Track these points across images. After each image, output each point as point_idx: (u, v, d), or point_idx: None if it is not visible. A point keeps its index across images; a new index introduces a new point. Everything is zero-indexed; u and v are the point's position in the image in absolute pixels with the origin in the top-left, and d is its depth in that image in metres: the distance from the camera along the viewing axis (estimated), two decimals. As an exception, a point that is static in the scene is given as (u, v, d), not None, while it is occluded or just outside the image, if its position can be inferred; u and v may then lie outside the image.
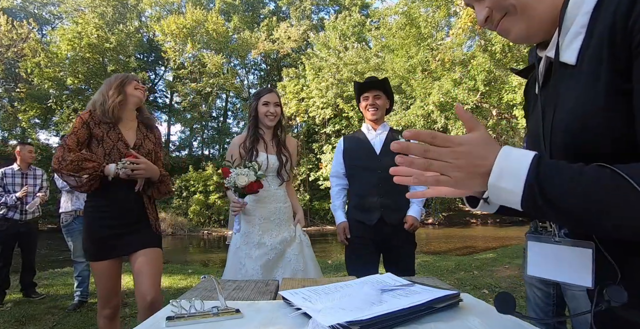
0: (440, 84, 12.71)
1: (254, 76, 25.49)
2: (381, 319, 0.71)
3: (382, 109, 2.43)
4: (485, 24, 0.68)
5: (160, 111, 23.98)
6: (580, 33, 0.57)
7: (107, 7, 20.42)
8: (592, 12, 0.56)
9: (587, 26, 0.57)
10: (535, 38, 0.66)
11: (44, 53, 18.09)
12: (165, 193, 2.07)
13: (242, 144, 2.22)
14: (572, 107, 0.58)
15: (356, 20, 19.81)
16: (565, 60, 0.60)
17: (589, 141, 0.55)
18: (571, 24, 0.59)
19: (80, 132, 1.86)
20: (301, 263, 2.16)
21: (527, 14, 0.62)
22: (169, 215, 16.60)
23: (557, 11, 0.60)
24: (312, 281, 1.27)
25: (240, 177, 1.96)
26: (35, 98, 18.48)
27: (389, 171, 2.15)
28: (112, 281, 1.93)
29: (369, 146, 2.41)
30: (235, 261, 2.12)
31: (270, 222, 2.17)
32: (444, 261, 6.25)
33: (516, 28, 0.64)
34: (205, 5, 22.52)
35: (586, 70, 0.56)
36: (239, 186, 1.96)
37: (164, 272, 5.80)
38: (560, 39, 0.60)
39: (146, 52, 23.09)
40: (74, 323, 3.24)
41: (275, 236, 2.15)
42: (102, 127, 1.90)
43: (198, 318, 0.80)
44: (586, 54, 0.56)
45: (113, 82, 1.97)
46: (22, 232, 3.91)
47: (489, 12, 0.66)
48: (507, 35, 0.67)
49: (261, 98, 2.21)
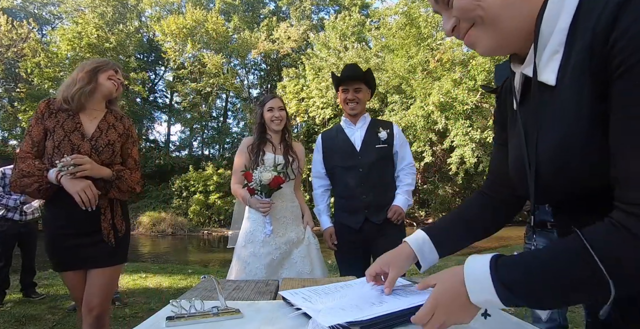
0: (440, 84, 12.70)
1: (254, 76, 25.48)
2: (381, 320, 0.71)
3: (362, 103, 2.30)
4: (452, 34, 0.64)
5: (160, 111, 23.98)
6: (558, 51, 0.55)
7: (107, 7, 20.40)
8: (569, 28, 0.53)
9: (564, 44, 0.54)
10: (504, 51, 0.63)
11: (44, 53, 18.08)
12: (127, 191, 1.79)
13: (250, 147, 2.25)
14: (553, 133, 0.56)
15: (356, 20, 19.79)
16: (544, 80, 0.57)
17: (575, 166, 0.54)
18: (547, 41, 0.56)
19: (34, 131, 1.67)
20: (308, 265, 2.15)
21: (495, 26, 0.58)
22: (169, 215, 16.59)
23: (528, 25, 0.57)
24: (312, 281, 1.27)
25: (263, 174, 2.01)
26: (35, 98, 18.44)
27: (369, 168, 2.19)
28: (77, 292, 1.76)
29: (348, 143, 2.29)
30: (240, 260, 2.12)
31: (277, 220, 2.17)
32: (444, 261, 6.24)
33: (484, 40, 0.60)
34: (205, 5, 22.51)
35: (568, 93, 0.54)
36: (264, 182, 2.00)
37: (164, 272, 5.80)
38: (536, 57, 0.57)
39: (146, 52, 23.07)
40: (74, 323, 3.24)
41: (281, 235, 2.15)
42: (59, 116, 1.69)
43: (198, 318, 0.80)
44: (566, 75, 0.54)
45: (86, 67, 1.76)
46: (22, 232, 3.91)
47: (456, 21, 0.62)
48: (474, 47, 0.63)
49: (265, 105, 2.27)
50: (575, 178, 0.54)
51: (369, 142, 2.28)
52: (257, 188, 2.04)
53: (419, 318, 0.63)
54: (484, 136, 12.61)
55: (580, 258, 0.48)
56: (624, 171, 0.47)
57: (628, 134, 0.47)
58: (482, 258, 0.58)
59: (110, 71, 1.80)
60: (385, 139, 2.28)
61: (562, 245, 0.52)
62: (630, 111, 0.46)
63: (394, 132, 2.33)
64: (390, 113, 14.63)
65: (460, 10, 0.59)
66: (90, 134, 1.72)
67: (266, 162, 2.18)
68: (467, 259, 0.61)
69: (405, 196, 2.28)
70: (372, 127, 2.32)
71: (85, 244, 1.71)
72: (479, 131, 12.72)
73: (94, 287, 1.73)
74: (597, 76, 0.50)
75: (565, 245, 0.52)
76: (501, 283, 0.54)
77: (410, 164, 2.34)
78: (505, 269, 0.55)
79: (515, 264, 0.55)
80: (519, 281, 0.53)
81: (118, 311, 3.51)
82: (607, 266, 0.46)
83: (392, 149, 2.30)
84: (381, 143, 2.28)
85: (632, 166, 0.46)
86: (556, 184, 0.57)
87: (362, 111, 2.34)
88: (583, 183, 0.54)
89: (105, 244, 1.74)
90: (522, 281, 0.53)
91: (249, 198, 2.12)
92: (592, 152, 0.52)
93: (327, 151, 2.37)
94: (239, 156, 2.29)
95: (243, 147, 2.28)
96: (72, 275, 1.74)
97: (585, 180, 0.53)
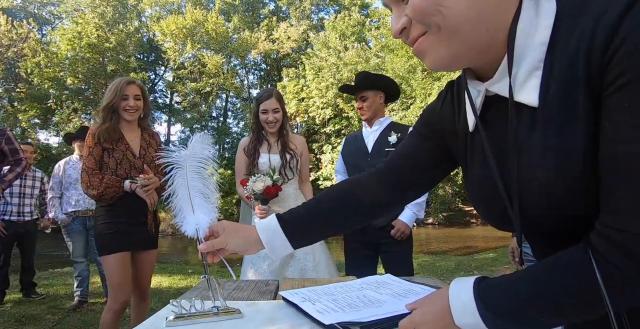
0: (440, 84, 12.72)
1: (254, 76, 25.50)
2: (381, 322, 0.71)
3: (370, 109, 2.35)
4: (400, 36, 0.55)
5: (160, 111, 23.98)
6: (538, 68, 0.49)
7: (107, 7, 20.40)
8: (549, 41, 0.48)
9: (544, 59, 0.48)
10: (457, 65, 0.55)
11: (44, 53, 18.08)
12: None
13: (246, 148, 2.26)
14: (546, 157, 0.50)
15: (356, 20, 19.81)
16: (524, 101, 0.50)
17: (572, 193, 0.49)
18: (522, 56, 0.49)
19: (95, 151, 2.07)
20: (311, 261, 2.15)
21: (454, 38, 0.49)
22: (169, 215, 16.60)
23: (491, 38, 0.50)
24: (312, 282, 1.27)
25: (256, 184, 2.05)
26: (35, 98, 18.48)
27: None
28: (125, 273, 2.10)
29: (363, 145, 2.39)
30: (247, 261, 2.18)
31: None
32: (444, 261, 6.25)
33: (436, 51, 0.52)
34: (205, 5, 22.52)
35: (555, 114, 0.48)
36: (257, 192, 2.05)
37: (164, 272, 5.81)
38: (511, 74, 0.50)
39: (146, 52, 23.08)
40: (74, 323, 3.24)
41: None
42: (108, 140, 2.09)
43: (198, 318, 0.80)
44: (550, 94, 0.48)
45: (104, 100, 2.11)
46: (20, 232, 3.91)
47: (407, 23, 0.53)
48: (423, 57, 0.54)
49: (260, 105, 2.23)
50: (569, 207, 0.50)
51: (380, 145, 2.32)
52: (252, 196, 2.09)
53: None
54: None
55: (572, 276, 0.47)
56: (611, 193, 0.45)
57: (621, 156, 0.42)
58: (467, 281, 0.56)
59: (123, 102, 2.09)
60: (394, 142, 2.27)
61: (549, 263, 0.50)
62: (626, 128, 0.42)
63: None
64: (390, 113, 14.65)
65: (416, 12, 0.50)
66: (138, 153, 2.17)
67: (260, 166, 2.19)
68: (452, 281, 0.59)
69: (414, 209, 2.22)
70: (386, 130, 2.34)
71: (137, 232, 2.15)
72: (479, 131, 12.75)
73: (142, 266, 2.23)
74: (590, 93, 0.44)
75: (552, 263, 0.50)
76: (484, 305, 0.52)
77: None
78: (488, 291, 0.53)
79: (498, 286, 0.53)
80: (503, 304, 0.51)
81: (118, 311, 3.51)
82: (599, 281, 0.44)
83: None
84: (390, 146, 2.28)
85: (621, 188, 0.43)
86: (545, 215, 0.52)
87: (374, 116, 2.38)
88: (576, 212, 0.49)
89: (148, 232, 2.20)
90: (506, 304, 0.51)
91: (250, 202, 2.18)
92: (589, 176, 0.46)
93: (346, 151, 2.50)
94: (238, 158, 2.32)
95: (239, 150, 2.31)
96: (120, 257, 2.08)
97: (579, 208, 0.49)
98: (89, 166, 2.05)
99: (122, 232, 2.10)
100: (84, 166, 2.07)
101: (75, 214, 3.67)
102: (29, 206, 3.98)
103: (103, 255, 2.08)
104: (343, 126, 17.79)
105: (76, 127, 14.67)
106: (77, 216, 3.67)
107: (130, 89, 2.09)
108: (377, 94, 2.36)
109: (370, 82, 2.36)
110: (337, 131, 18.01)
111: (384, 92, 2.39)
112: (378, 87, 2.36)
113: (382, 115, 2.42)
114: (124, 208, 2.12)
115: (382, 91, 2.38)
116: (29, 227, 4.01)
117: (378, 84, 2.36)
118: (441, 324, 0.57)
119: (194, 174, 0.90)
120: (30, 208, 4.00)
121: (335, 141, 17.38)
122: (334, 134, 18.13)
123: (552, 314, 0.49)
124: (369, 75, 2.45)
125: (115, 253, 2.07)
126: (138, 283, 2.25)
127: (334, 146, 17.20)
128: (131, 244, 2.14)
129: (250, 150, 2.24)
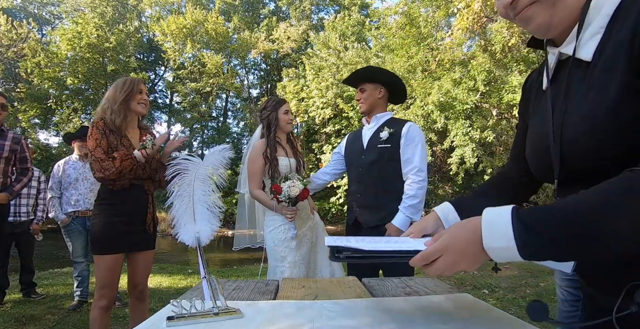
0: (440, 84, 12.70)
1: (254, 76, 25.47)
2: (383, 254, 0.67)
3: (368, 101, 2.29)
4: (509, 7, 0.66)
5: (160, 111, 23.97)
6: (599, 33, 0.60)
7: (107, 7, 20.39)
8: (612, 15, 0.59)
9: (605, 27, 0.59)
10: (552, 33, 0.66)
11: (44, 53, 18.07)
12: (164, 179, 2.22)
13: (264, 153, 2.30)
14: (584, 103, 0.61)
15: (356, 20, 19.79)
16: (582, 56, 0.62)
17: (600, 138, 0.57)
18: (589, 24, 0.61)
19: (102, 142, 2.07)
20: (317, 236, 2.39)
21: (557, 5, 0.62)
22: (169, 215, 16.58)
23: (577, 10, 0.62)
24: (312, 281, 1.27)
25: (292, 189, 2.11)
26: (35, 98, 18.46)
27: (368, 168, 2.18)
28: (114, 274, 2.11)
29: (360, 141, 2.33)
30: (275, 258, 2.25)
31: (300, 219, 2.32)
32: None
33: (541, 17, 0.64)
34: (205, 5, 22.50)
35: (600, 68, 0.59)
36: (293, 196, 2.12)
37: (164, 272, 5.81)
38: (578, 37, 0.62)
39: (146, 52, 23.06)
40: (74, 323, 3.24)
41: (305, 228, 2.34)
42: (115, 134, 2.12)
43: (198, 318, 0.80)
44: (603, 53, 0.59)
45: (119, 95, 2.11)
46: (17, 232, 3.90)
47: None
48: (527, 23, 0.66)
49: (281, 107, 2.37)
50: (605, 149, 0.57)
51: (373, 141, 2.25)
52: (285, 200, 2.15)
53: (421, 257, 0.61)
54: (484, 136, 12.60)
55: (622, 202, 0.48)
56: None
57: None
58: (502, 207, 0.57)
59: (138, 96, 2.15)
60: (386, 138, 2.18)
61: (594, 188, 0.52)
62: None
63: (402, 132, 2.18)
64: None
65: None
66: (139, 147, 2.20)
67: (282, 169, 2.29)
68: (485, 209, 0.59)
69: (407, 212, 2.06)
70: (382, 126, 2.26)
71: (134, 232, 2.15)
72: (479, 131, 12.71)
73: (138, 267, 2.23)
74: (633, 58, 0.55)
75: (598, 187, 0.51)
76: (521, 223, 0.52)
77: (415, 168, 2.11)
78: (526, 211, 0.54)
79: (539, 208, 0.54)
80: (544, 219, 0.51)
81: (118, 311, 3.51)
82: None
83: (397, 149, 2.16)
84: (382, 143, 2.20)
85: None
86: (580, 154, 0.60)
87: (372, 110, 2.32)
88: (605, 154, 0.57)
89: (145, 232, 2.20)
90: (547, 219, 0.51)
91: (275, 204, 2.24)
92: (615, 127, 0.55)
93: (347, 147, 2.48)
94: (255, 162, 2.31)
95: (258, 152, 2.32)
96: (114, 258, 2.08)
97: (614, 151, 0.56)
98: (99, 156, 2.04)
99: (118, 233, 2.09)
100: (93, 157, 2.04)
101: (74, 214, 3.67)
102: (26, 206, 3.97)
103: (96, 254, 2.09)
104: (343, 126, 17.77)
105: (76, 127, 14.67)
106: (77, 216, 3.66)
107: (142, 86, 2.22)
108: (376, 88, 2.29)
109: (370, 75, 2.31)
110: (337, 131, 17.99)
111: (385, 87, 2.31)
112: (378, 80, 2.30)
113: (382, 110, 2.33)
114: (123, 207, 2.12)
115: (383, 86, 2.31)
116: (26, 228, 4.00)
117: (378, 77, 2.31)
118: (469, 249, 0.57)
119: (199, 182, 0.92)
120: (27, 208, 3.98)
121: (335, 141, 17.36)
122: (334, 134, 18.10)
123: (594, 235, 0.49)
124: (370, 68, 2.43)
125: (107, 255, 2.07)
126: (135, 284, 2.25)
127: (334, 146, 17.18)
128: (126, 245, 2.15)
129: (270, 154, 2.29)
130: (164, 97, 24.64)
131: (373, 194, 2.17)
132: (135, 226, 2.16)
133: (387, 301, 0.96)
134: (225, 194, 17.47)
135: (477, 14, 6.91)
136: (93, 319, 2.08)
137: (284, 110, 2.37)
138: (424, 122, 13.38)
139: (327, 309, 0.87)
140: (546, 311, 0.58)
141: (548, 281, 4.48)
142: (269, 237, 2.30)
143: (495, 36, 11.02)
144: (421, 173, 2.10)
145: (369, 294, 1.07)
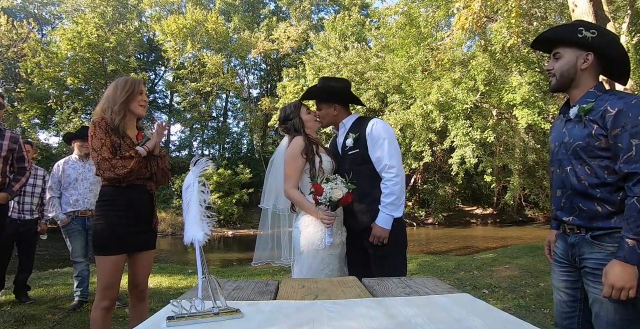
0: (440, 83, 12.70)
1: (254, 76, 25.49)
2: None
3: (325, 120, 2.31)
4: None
5: (160, 111, 23.98)
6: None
7: (107, 7, 20.39)
8: None
9: None
10: None
11: (44, 53, 18.08)
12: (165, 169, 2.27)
13: (304, 151, 2.15)
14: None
15: (356, 20, 19.80)
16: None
17: None
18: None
19: (107, 141, 2.05)
20: None
21: None
22: (169, 215, 16.58)
23: None
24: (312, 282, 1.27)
25: (335, 191, 1.94)
26: (35, 98, 18.47)
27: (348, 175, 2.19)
28: (117, 274, 2.10)
29: (336, 149, 2.34)
30: (316, 263, 2.07)
31: (339, 222, 2.17)
32: (444, 261, 6.24)
33: None
34: (205, 5, 22.51)
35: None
36: (335, 200, 1.94)
37: (164, 272, 5.81)
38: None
39: (146, 52, 23.07)
40: (74, 323, 3.24)
41: (342, 232, 2.18)
42: (116, 134, 2.10)
43: (198, 318, 0.80)
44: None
45: (119, 96, 2.09)
46: (20, 232, 3.88)
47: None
48: None
49: (302, 110, 2.28)
50: None
51: (344, 149, 2.25)
52: (325, 203, 1.99)
53: None
54: (484, 136, 12.61)
55: None
56: None
57: None
58: None
59: (138, 97, 2.14)
60: (352, 144, 2.18)
61: None
62: None
63: (367, 132, 2.17)
64: (391, 113, 14.63)
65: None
66: None
67: (325, 167, 2.15)
68: None
69: (386, 211, 2.07)
70: (349, 132, 2.25)
71: (139, 232, 2.15)
72: (479, 131, 12.71)
73: (139, 267, 2.21)
74: None
75: None
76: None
77: (386, 166, 2.10)
78: None
79: None
80: None
81: (118, 311, 3.50)
82: None
83: (367, 151, 2.15)
84: (351, 149, 2.19)
85: None
86: None
87: (332, 123, 2.35)
88: None
89: (147, 232, 2.20)
90: None
91: (314, 208, 2.07)
92: None
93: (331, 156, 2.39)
94: (294, 161, 2.16)
95: (297, 151, 2.16)
96: (117, 259, 2.07)
97: None
98: (106, 155, 2.01)
99: (120, 234, 2.07)
100: (100, 157, 2.00)
101: (74, 214, 3.66)
102: (30, 205, 3.95)
103: (98, 255, 2.08)
104: (343, 126, 17.77)
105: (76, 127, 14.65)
106: (76, 216, 3.66)
107: (143, 87, 2.20)
108: (330, 106, 2.29)
109: (313, 96, 2.35)
110: (337, 131, 18.01)
111: (338, 104, 2.30)
112: (331, 100, 2.29)
113: (344, 117, 2.32)
114: (126, 207, 2.11)
115: (336, 103, 2.30)
116: (30, 226, 3.98)
117: (321, 94, 2.32)
118: None
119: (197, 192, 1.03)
120: (31, 207, 3.96)
121: (335, 141, 17.38)
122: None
123: None
124: (310, 90, 2.40)
125: (110, 256, 2.06)
126: (136, 284, 2.24)
127: (334, 146, 17.15)
128: (128, 246, 2.13)
129: (310, 152, 2.14)
130: (164, 97, 24.68)
131: (356, 200, 2.11)
132: (139, 226, 2.14)
133: (387, 301, 0.96)
134: (225, 194, 17.49)
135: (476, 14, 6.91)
136: (94, 320, 2.05)
137: (305, 111, 2.28)
138: (424, 122, 13.38)
139: (327, 309, 0.87)
140: None
141: (548, 281, 4.48)
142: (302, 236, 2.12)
143: (495, 36, 11.01)
144: (392, 169, 2.10)
145: (369, 294, 1.07)
